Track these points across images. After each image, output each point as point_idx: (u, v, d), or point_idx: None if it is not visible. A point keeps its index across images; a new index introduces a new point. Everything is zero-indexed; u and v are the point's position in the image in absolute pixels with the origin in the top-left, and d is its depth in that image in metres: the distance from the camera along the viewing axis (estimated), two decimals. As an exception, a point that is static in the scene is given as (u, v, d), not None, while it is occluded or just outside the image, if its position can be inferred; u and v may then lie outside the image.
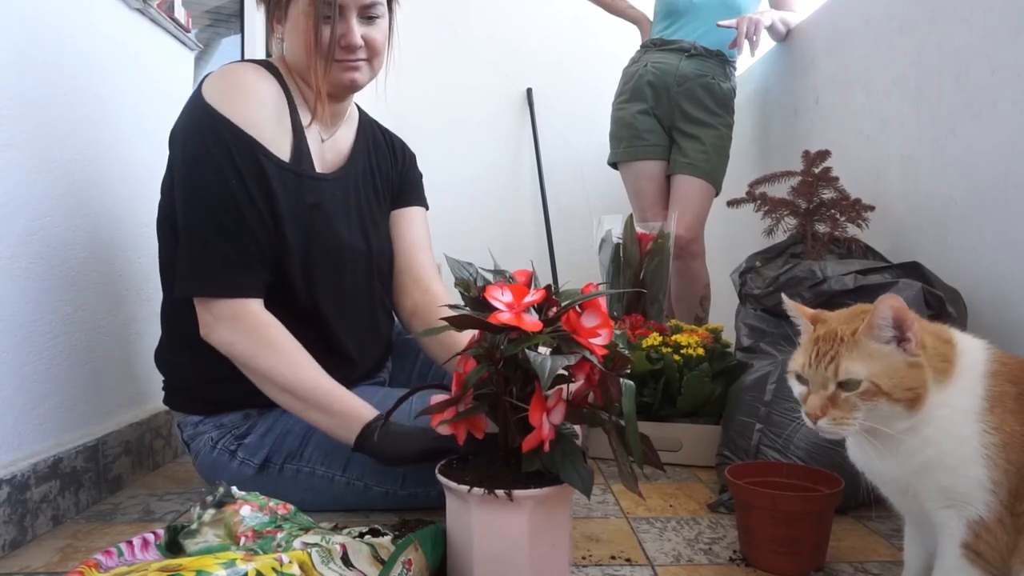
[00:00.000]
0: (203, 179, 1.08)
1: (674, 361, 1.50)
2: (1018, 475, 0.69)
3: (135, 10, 1.43)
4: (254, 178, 1.09)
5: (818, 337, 0.76)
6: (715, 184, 2.17)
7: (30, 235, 1.10)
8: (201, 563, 0.70)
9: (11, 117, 1.06)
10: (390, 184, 1.35)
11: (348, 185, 1.25)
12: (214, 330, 1.09)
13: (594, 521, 1.14)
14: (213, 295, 1.08)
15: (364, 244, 1.25)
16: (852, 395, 0.72)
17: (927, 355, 0.73)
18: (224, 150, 1.07)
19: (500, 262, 0.96)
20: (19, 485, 1.02)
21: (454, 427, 0.84)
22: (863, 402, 0.72)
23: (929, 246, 1.46)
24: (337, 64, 1.15)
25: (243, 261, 1.09)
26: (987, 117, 1.30)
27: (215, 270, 1.08)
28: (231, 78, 1.12)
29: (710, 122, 2.15)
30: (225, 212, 1.07)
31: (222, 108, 1.08)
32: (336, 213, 1.20)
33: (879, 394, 0.71)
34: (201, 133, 1.08)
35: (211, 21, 2.77)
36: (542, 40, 2.92)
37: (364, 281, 1.25)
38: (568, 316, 0.80)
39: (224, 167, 1.07)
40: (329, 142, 1.24)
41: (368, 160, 1.31)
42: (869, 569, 0.96)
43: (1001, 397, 0.72)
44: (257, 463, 1.15)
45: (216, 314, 1.08)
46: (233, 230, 1.08)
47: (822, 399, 0.74)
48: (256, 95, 1.12)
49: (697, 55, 2.16)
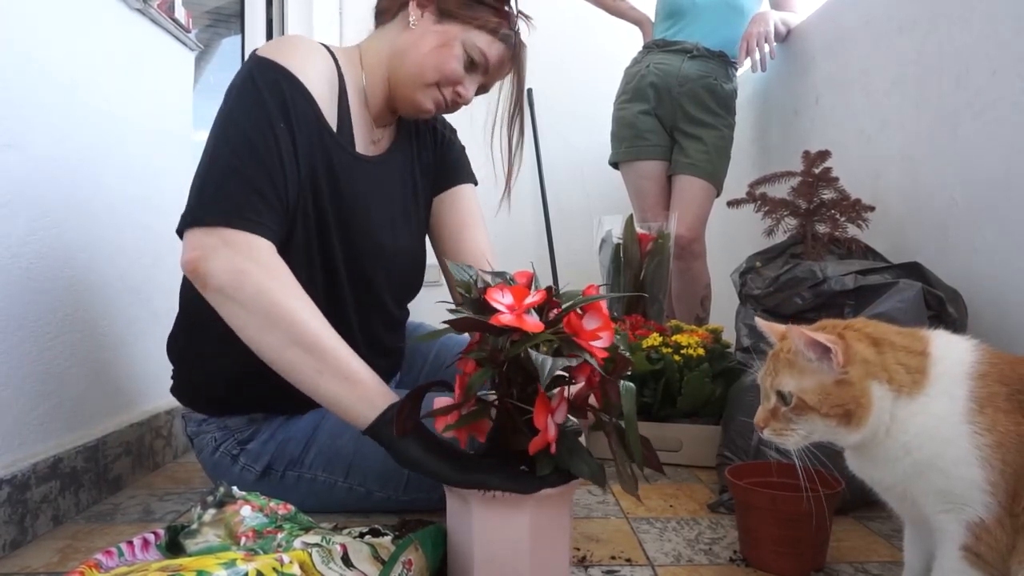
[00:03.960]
0: (247, 116, 0.98)
1: (674, 361, 1.50)
2: (1015, 476, 0.69)
3: (135, 10, 1.43)
4: (302, 127, 1.00)
5: (774, 353, 0.80)
6: (716, 184, 2.17)
7: (30, 235, 1.10)
8: (201, 563, 0.70)
9: (11, 117, 1.06)
10: (429, 172, 1.27)
11: (387, 173, 1.19)
12: (213, 255, 0.90)
13: (594, 521, 1.14)
14: (228, 222, 0.91)
15: (393, 239, 1.18)
16: (787, 410, 0.76)
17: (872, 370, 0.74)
18: (276, 93, 0.99)
19: (500, 262, 0.95)
20: (19, 485, 1.02)
21: (457, 432, 0.84)
22: (796, 416, 0.76)
23: (929, 246, 1.46)
24: (429, 91, 1.12)
25: (270, 200, 0.96)
26: (987, 117, 1.30)
27: (237, 196, 0.93)
28: (287, 38, 1.10)
29: (712, 123, 2.16)
30: (265, 147, 0.97)
31: (278, 58, 1.01)
32: (370, 198, 1.13)
33: (807, 409, 0.75)
34: (253, 80, 1.00)
35: (211, 21, 2.77)
36: (542, 40, 2.91)
37: (384, 278, 1.18)
38: (570, 318, 0.80)
39: (273, 110, 0.98)
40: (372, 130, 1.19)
41: (410, 149, 1.24)
42: (869, 569, 0.96)
43: (991, 397, 0.72)
44: (259, 470, 1.13)
45: (224, 238, 0.91)
46: (268, 165, 0.96)
47: (765, 411, 0.79)
48: (313, 56, 1.06)
49: (700, 56, 2.16)
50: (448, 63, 1.09)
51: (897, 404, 0.73)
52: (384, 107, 1.17)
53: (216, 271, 0.90)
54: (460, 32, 1.10)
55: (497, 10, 1.12)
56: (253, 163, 0.96)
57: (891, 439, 0.74)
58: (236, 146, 0.97)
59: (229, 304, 0.91)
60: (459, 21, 1.10)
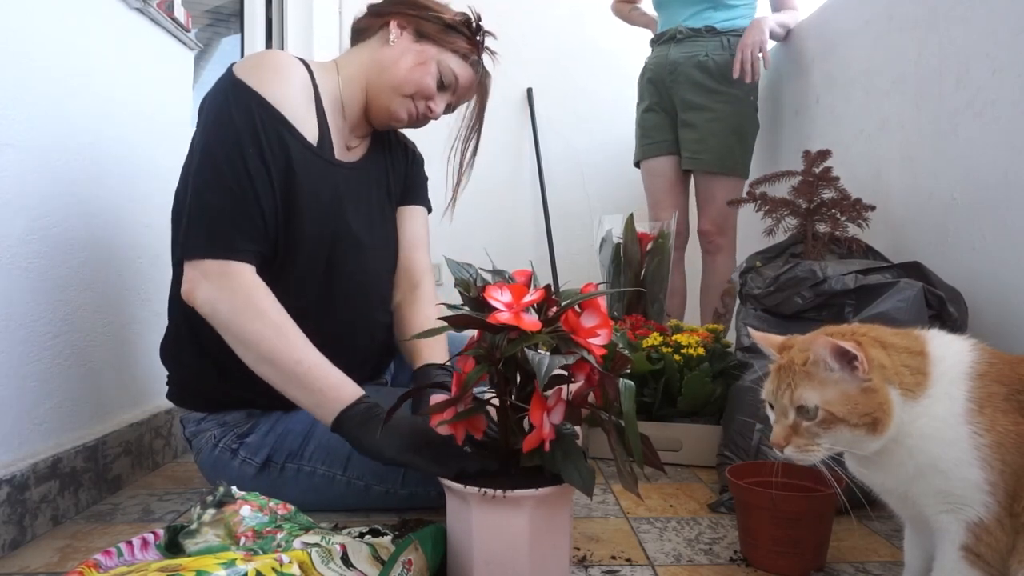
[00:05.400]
0: (218, 142, 1.07)
1: (674, 361, 1.50)
2: (1014, 476, 0.69)
3: (135, 10, 1.43)
4: (273, 151, 1.08)
5: (780, 366, 0.77)
6: (726, 170, 2.09)
7: (30, 235, 1.10)
8: (201, 563, 0.70)
9: (11, 117, 1.06)
10: (400, 182, 1.37)
11: (364, 178, 1.26)
12: (198, 287, 1.04)
13: (594, 521, 1.14)
14: (205, 254, 1.05)
15: (372, 238, 1.25)
16: (812, 424, 0.73)
17: (888, 374, 0.73)
18: (247, 118, 1.07)
19: (500, 262, 0.96)
20: (19, 485, 1.02)
21: (453, 427, 0.84)
22: (823, 430, 0.72)
23: (930, 246, 1.46)
24: (404, 102, 1.22)
25: (242, 226, 1.07)
26: (988, 117, 1.30)
27: (212, 228, 1.05)
28: (262, 57, 1.17)
29: (706, 104, 2.09)
30: (234, 176, 1.06)
31: (250, 81, 1.10)
32: (350, 202, 1.21)
33: (835, 421, 0.72)
34: (227, 101, 1.09)
35: (211, 21, 2.77)
36: (542, 40, 2.92)
37: (365, 276, 1.25)
38: (567, 316, 0.80)
39: (243, 134, 1.07)
40: (349, 137, 1.26)
41: (383, 157, 1.33)
42: (870, 569, 0.96)
43: (990, 397, 0.71)
44: (259, 462, 1.15)
45: (204, 271, 1.04)
46: (238, 194, 1.06)
47: (784, 428, 0.75)
48: (287, 74, 1.13)
49: (684, 38, 2.13)
50: (424, 79, 1.21)
51: (904, 407, 0.72)
52: (360, 116, 1.26)
53: (200, 301, 1.04)
54: (436, 53, 1.22)
55: (469, 39, 1.26)
56: (225, 194, 1.06)
57: (897, 443, 0.72)
58: (209, 179, 1.07)
59: (216, 327, 1.05)
60: (436, 43, 1.22)
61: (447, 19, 1.24)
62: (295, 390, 1.02)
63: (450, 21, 1.24)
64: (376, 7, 1.27)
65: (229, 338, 1.04)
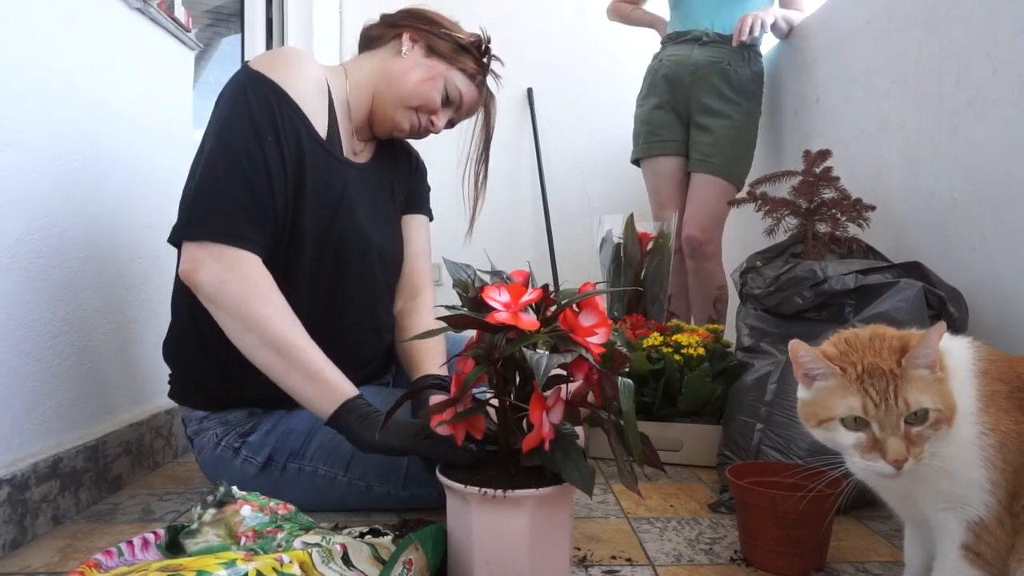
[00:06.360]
0: (236, 131, 1.07)
1: (675, 361, 1.50)
2: (1015, 475, 0.69)
3: (135, 10, 1.43)
4: (288, 141, 1.09)
5: (861, 377, 0.70)
6: (731, 179, 2.09)
7: (30, 235, 1.10)
8: (201, 563, 0.70)
9: (11, 117, 1.06)
10: (404, 189, 1.38)
11: (371, 180, 1.28)
12: (204, 267, 1.02)
13: (594, 521, 1.14)
14: (215, 238, 1.03)
15: (380, 238, 1.26)
16: (924, 427, 0.68)
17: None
18: (266, 109, 1.08)
19: (500, 262, 0.96)
20: (19, 485, 1.02)
21: (453, 427, 0.84)
22: (933, 432, 0.69)
23: (930, 246, 1.46)
24: (408, 113, 1.25)
25: (254, 215, 1.06)
26: (988, 117, 1.30)
27: (224, 214, 1.04)
28: (279, 52, 1.19)
29: (724, 111, 2.09)
30: (251, 164, 1.06)
31: (268, 72, 1.11)
32: (359, 201, 1.22)
33: (941, 420, 0.68)
34: (244, 91, 1.09)
35: (211, 21, 2.77)
36: (542, 40, 2.92)
37: (372, 275, 1.25)
38: (565, 315, 0.80)
39: (261, 124, 1.07)
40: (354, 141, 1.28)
41: (389, 164, 1.35)
42: (870, 569, 0.96)
43: (993, 396, 0.71)
44: (260, 461, 1.15)
45: (213, 253, 1.03)
46: (253, 182, 1.06)
47: (901, 442, 0.68)
48: (303, 69, 1.15)
49: (710, 42, 2.11)
50: (431, 93, 1.24)
51: None
52: (365, 121, 1.28)
53: (204, 281, 1.03)
54: (445, 70, 1.25)
55: (477, 60, 1.29)
56: (240, 181, 1.05)
57: None
58: (225, 164, 1.06)
59: (216, 309, 1.04)
60: (446, 61, 1.26)
61: (459, 39, 1.27)
62: (297, 378, 1.02)
63: (462, 42, 1.27)
64: (390, 18, 1.30)
65: (231, 321, 1.03)
